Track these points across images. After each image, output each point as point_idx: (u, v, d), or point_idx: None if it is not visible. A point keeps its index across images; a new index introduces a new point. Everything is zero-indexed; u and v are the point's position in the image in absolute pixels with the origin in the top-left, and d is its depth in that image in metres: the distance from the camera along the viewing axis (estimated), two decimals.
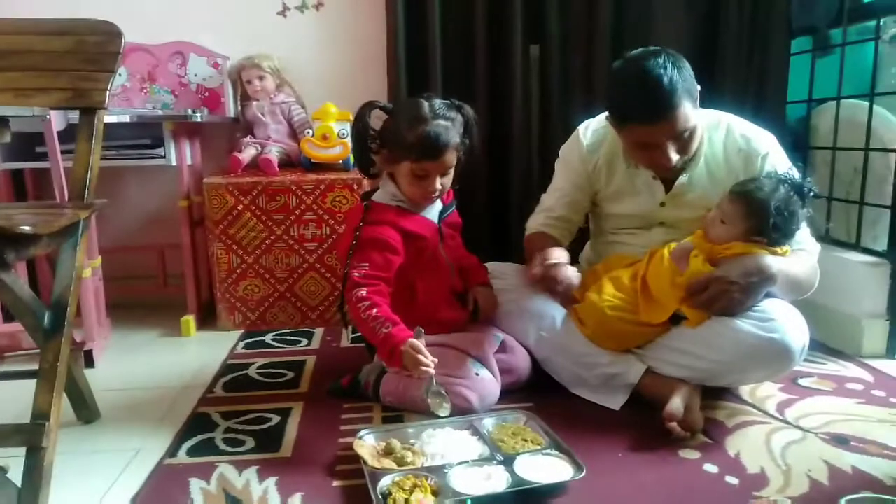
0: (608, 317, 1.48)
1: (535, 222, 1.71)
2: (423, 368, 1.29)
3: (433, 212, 1.56)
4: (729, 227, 1.42)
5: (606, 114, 1.51)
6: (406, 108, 1.46)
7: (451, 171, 1.48)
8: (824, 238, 1.96)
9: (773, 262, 1.39)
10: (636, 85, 1.38)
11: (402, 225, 1.47)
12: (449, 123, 1.42)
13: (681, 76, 1.37)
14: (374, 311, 1.38)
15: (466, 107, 1.49)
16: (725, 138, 1.54)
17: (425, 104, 1.43)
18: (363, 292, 1.40)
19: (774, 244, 1.42)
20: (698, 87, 1.44)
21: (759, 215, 1.39)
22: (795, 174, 1.43)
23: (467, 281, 1.64)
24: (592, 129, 1.66)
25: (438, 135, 1.40)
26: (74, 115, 1.48)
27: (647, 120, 1.39)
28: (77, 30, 1.46)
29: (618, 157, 1.58)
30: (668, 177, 1.54)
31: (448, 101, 1.47)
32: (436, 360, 1.32)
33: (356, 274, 1.42)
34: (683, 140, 1.43)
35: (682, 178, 1.54)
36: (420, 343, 1.31)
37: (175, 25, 2.34)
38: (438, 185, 1.45)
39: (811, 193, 1.41)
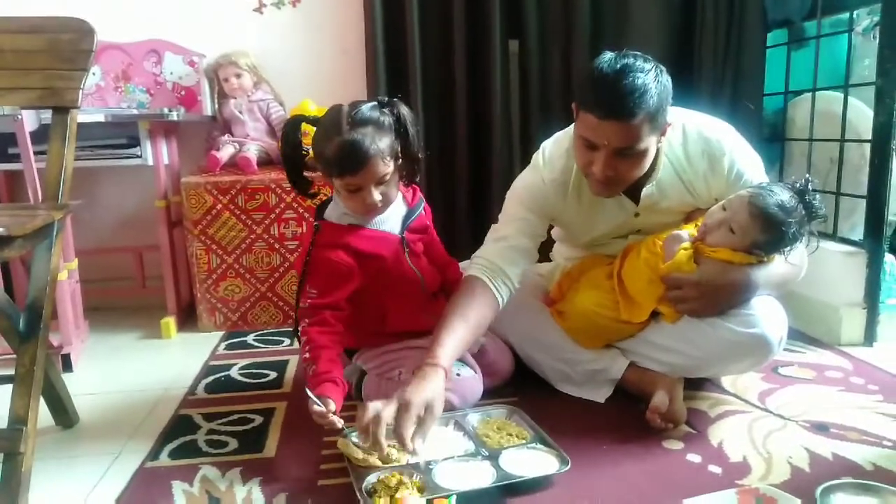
0: (589, 314, 1.48)
1: (487, 254, 1.46)
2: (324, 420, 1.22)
3: (395, 221, 1.45)
4: (738, 237, 1.34)
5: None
6: (325, 121, 1.34)
7: (389, 178, 1.33)
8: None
9: (755, 276, 1.36)
10: (610, 75, 1.25)
11: (355, 246, 1.37)
12: (368, 129, 1.28)
13: (657, 97, 1.26)
14: (307, 351, 1.32)
15: (398, 104, 1.36)
16: (684, 139, 1.45)
17: (344, 113, 1.30)
18: (305, 325, 1.35)
19: (768, 255, 1.38)
20: (668, 123, 1.34)
21: (774, 235, 1.33)
22: (810, 189, 1.35)
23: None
24: (555, 157, 1.50)
25: (354, 146, 1.27)
26: (47, 115, 1.45)
27: (598, 111, 1.26)
28: (48, 27, 1.43)
29: (583, 181, 1.46)
30: (596, 195, 1.44)
31: (375, 102, 1.34)
32: (338, 426, 1.22)
33: (302, 303, 1.37)
34: (625, 158, 1.31)
35: (648, 190, 1.44)
36: (330, 403, 1.23)
37: (149, 23, 2.31)
38: (377, 196, 1.32)
39: (821, 218, 1.36)
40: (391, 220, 1.45)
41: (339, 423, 1.23)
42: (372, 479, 1.13)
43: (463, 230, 2.35)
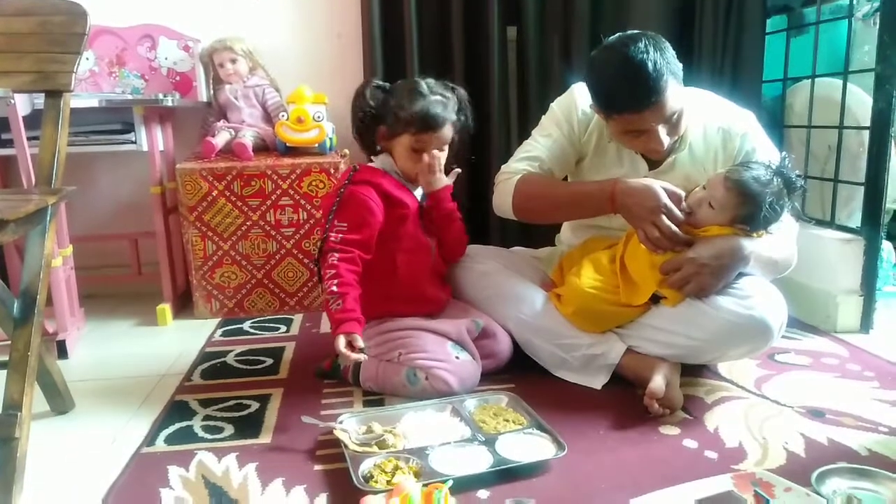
0: (589, 297, 1.48)
1: (518, 168, 1.59)
2: (349, 357, 1.35)
3: (418, 189, 1.56)
4: (718, 212, 1.40)
5: (590, 103, 1.47)
6: (404, 85, 1.53)
7: (447, 148, 1.53)
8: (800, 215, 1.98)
9: (747, 244, 1.40)
10: (621, 73, 1.34)
11: (385, 188, 1.48)
12: (446, 100, 1.49)
13: (664, 59, 1.34)
14: (335, 284, 1.39)
15: (459, 88, 1.55)
16: (705, 118, 1.52)
17: (422, 82, 1.51)
18: (334, 259, 1.41)
19: (753, 231, 1.42)
20: (680, 66, 1.41)
21: (751, 208, 1.37)
22: (787, 165, 1.41)
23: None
24: (586, 98, 1.55)
25: (437, 109, 1.46)
26: (40, 100, 1.43)
27: (635, 108, 1.35)
28: (40, 10, 1.42)
29: (604, 130, 1.55)
30: (654, 158, 1.52)
31: (443, 82, 1.54)
32: (365, 357, 1.38)
33: (333, 237, 1.44)
34: (672, 122, 1.40)
35: (669, 158, 1.51)
36: (358, 339, 1.36)
37: (143, 7, 2.28)
38: (438, 158, 1.50)
39: (799, 189, 1.41)
40: (415, 188, 1.56)
41: (363, 356, 1.37)
42: (368, 464, 1.13)
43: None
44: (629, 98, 1.35)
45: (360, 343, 1.36)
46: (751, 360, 1.62)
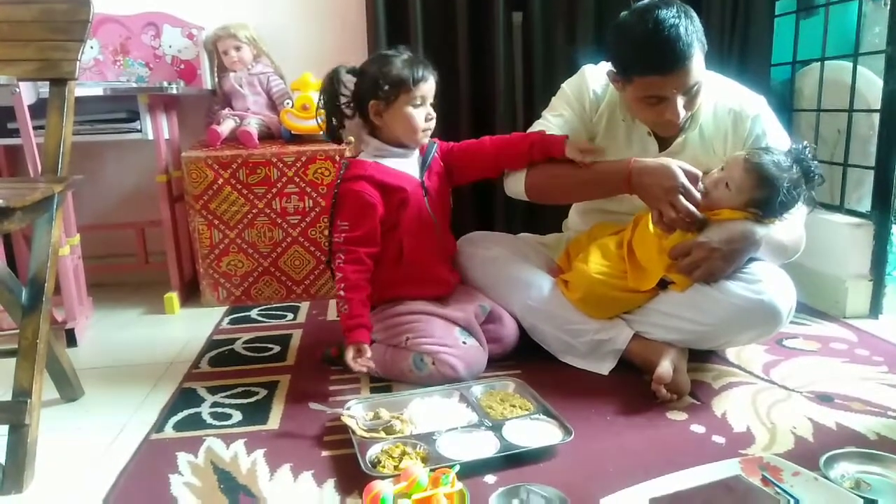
0: (596, 283, 1.47)
1: None
2: (357, 368, 1.41)
3: (413, 167, 1.54)
4: (733, 194, 1.39)
5: (609, 69, 1.46)
6: (373, 59, 1.52)
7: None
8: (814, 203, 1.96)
9: (758, 228, 1.39)
10: (652, 34, 1.33)
11: (379, 178, 1.47)
12: (415, 56, 1.50)
13: (694, 27, 1.34)
14: (342, 288, 1.43)
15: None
16: (716, 99, 1.51)
17: (384, 50, 1.53)
18: (341, 261, 1.44)
19: (766, 217, 1.40)
20: (706, 42, 1.39)
21: (768, 192, 1.36)
22: (808, 154, 1.39)
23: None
24: (600, 73, 1.56)
25: (420, 60, 1.48)
26: (45, 89, 1.43)
27: (661, 70, 1.34)
28: None
29: (619, 108, 1.54)
30: (665, 135, 1.51)
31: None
32: (372, 366, 1.42)
33: (337, 237, 1.46)
34: (691, 94, 1.39)
35: (680, 139, 1.50)
36: (366, 349, 1.42)
37: None
38: (433, 113, 1.50)
39: (816, 180, 1.39)
40: (411, 166, 1.54)
41: (371, 365, 1.42)
42: (376, 449, 1.14)
43: (465, 208, 2.33)
44: (657, 59, 1.34)
45: (368, 352, 1.42)
46: (759, 346, 1.61)
